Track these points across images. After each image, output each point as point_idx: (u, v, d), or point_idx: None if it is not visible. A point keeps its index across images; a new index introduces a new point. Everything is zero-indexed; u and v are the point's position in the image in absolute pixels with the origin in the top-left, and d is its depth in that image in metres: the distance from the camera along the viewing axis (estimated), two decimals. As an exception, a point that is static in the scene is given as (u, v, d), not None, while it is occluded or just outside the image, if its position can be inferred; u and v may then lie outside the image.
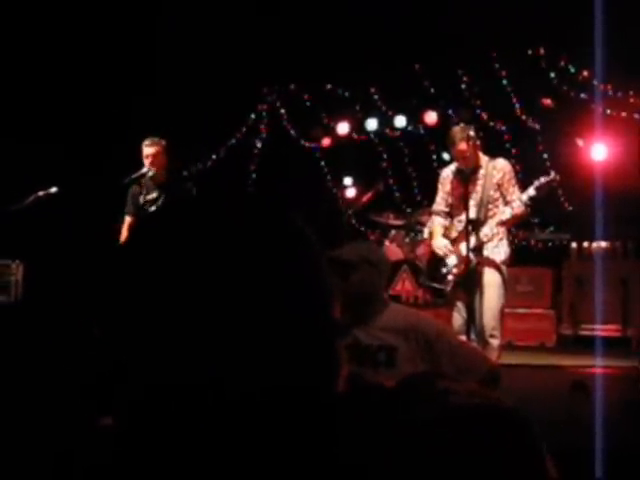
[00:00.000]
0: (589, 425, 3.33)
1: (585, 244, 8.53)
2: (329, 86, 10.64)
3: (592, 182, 7.49)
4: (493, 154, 5.46)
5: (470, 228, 5.05)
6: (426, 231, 5.73)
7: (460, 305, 5.13)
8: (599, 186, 7.25)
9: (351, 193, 11.12)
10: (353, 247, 3.30)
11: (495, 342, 5.04)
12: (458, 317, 5.14)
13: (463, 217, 5.15)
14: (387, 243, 9.34)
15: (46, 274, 8.28)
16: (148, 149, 5.99)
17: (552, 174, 5.10)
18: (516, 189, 5.19)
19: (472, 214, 5.11)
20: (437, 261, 5.37)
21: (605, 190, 6.89)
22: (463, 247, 5.11)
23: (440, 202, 5.45)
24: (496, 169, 5.21)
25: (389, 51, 9.32)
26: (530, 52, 9.29)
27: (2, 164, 8.26)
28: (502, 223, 5.12)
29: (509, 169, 5.24)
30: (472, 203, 5.15)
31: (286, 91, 10.89)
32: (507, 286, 5.27)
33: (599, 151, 8.80)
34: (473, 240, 5.06)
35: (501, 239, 5.20)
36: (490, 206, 5.17)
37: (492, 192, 5.17)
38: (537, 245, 9.16)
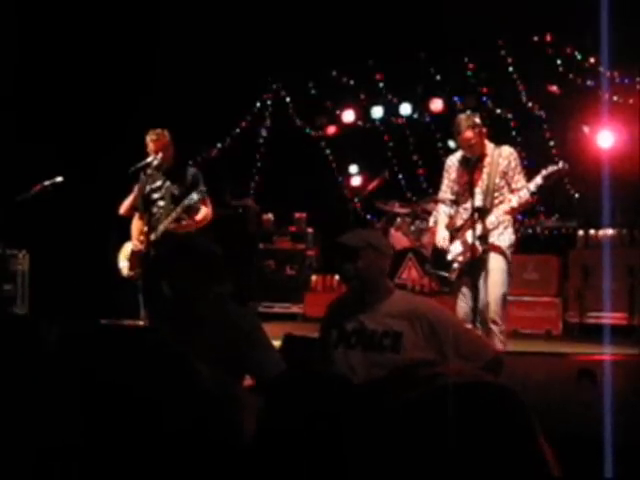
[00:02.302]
0: (596, 413, 3.32)
1: (592, 232, 8.49)
2: (334, 74, 10.61)
3: (599, 169, 7.45)
4: (499, 141, 5.44)
5: (476, 216, 5.04)
6: (432, 219, 5.73)
7: (465, 291, 5.13)
8: (606, 173, 7.22)
9: (357, 181, 11.10)
10: (357, 233, 3.34)
11: (496, 328, 5.02)
12: (463, 305, 5.13)
13: (469, 205, 5.14)
14: (393, 231, 9.33)
15: (52, 264, 8.30)
16: (153, 142, 5.98)
17: (561, 163, 5.08)
18: (522, 177, 5.17)
19: (478, 202, 5.11)
20: (442, 249, 5.36)
21: (612, 177, 6.83)
22: (469, 235, 5.11)
23: (446, 190, 5.44)
24: (502, 157, 5.19)
25: (394, 38, 9.28)
26: (536, 39, 9.23)
27: (8, 154, 8.26)
28: (509, 211, 5.12)
29: (515, 157, 5.23)
30: (478, 191, 5.14)
31: (291, 79, 10.86)
32: (511, 273, 5.26)
33: (606, 138, 8.75)
34: (479, 228, 5.05)
35: (506, 227, 5.20)
36: (496, 194, 5.16)
37: (498, 180, 5.16)
38: (543, 233, 9.13)
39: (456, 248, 5.27)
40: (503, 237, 5.17)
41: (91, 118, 8.90)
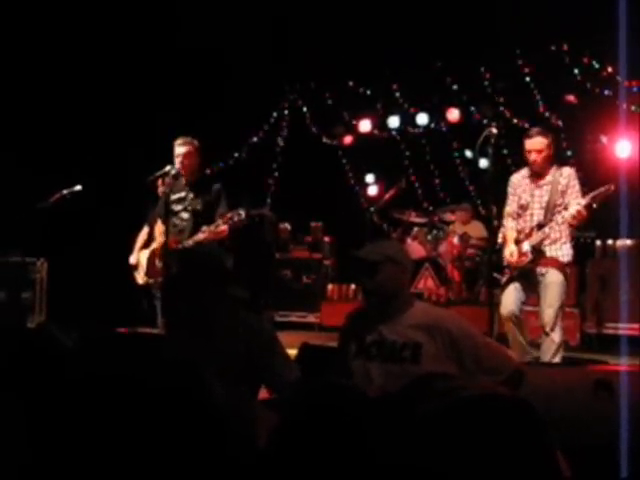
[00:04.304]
0: (614, 424, 3.30)
1: (610, 242, 8.44)
2: (351, 84, 10.64)
3: (616, 179, 7.41)
4: (516, 151, 5.60)
5: (535, 231, 5.43)
6: (500, 235, 5.91)
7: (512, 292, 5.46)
8: (623, 183, 7.17)
9: (373, 191, 11.12)
10: (377, 246, 3.33)
11: (555, 336, 5.48)
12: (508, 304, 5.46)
13: (529, 219, 5.51)
14: (409, 241, 9.33)
15: (70, 272, 8.36)
16: (180, 148, 5.93)
17: (609, 185, 5.37)
18: (579, 194, 5.46)
19: (539, 217, 5.47)
20: (509, 264, 5.60)
21: (630, 188, 6.81)
22: (525, 245, 5.45)
23: (511, 204, 5.70)
24: (562, 176, 5.51)
25: (411, 48, 9.30)
26: (553, 48, 9.22)
27: (27, 163, 8.34)
28: (565, 222, 5.39)
29: (574, 177, 5.54)
30: (538, 207, 5.49)
31: (308, 89, 10.90)
32: (568, 286, 5.68)
33: (623, 148, 8.71)
34: (535, 239, 5.42)
35: (564, 242, 5.49)
36: (554, 211, 5.45)
37: (557, 198, 5.46)
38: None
39: (511, 255, 5.54)
40: (562, 252, 5.50)
41: (110, 127, 8.97)
